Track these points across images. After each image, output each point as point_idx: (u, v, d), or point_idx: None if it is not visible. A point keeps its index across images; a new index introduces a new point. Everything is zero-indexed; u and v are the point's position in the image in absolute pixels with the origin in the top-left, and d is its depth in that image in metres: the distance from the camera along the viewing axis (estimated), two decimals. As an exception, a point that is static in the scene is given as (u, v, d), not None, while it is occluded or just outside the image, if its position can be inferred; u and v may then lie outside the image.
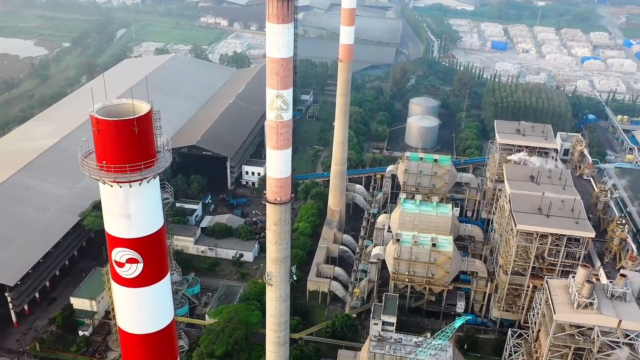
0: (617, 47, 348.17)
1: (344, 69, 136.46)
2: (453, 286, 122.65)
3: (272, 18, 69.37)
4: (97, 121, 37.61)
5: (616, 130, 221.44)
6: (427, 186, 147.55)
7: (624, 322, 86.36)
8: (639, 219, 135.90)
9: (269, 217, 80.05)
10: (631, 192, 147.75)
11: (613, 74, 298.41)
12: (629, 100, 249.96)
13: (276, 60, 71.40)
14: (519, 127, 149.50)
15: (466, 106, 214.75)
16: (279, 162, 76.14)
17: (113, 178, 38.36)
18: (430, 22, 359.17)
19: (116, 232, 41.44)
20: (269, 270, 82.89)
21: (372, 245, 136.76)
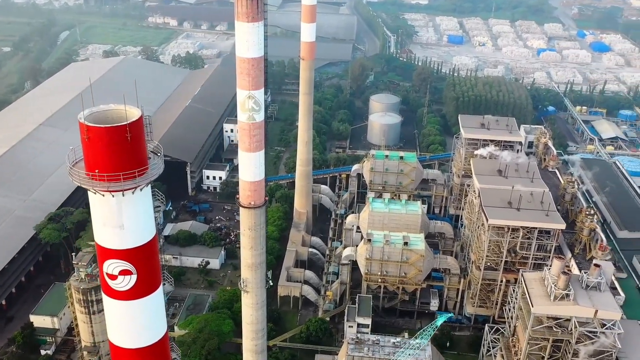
0: (571, 38, 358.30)
1: (306, 67, 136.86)
2: (426, 284, 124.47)
3: (242, 17, 69.29)
4: (87, 128, 37.06)
5: (576, 121, 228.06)
6: (394, 184, 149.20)
7: (600, 311, 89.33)
8: (605, 209, 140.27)
9: (242, 221, 79.89)
10: (596, 182, 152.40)
11: (569, 65, 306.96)
12: (586, 91, 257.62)
13: (247, 60, 71.35)
14: (483, 121, 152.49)
15: (427, 102, 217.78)
16: (252, 165, 76.14)
17: (106, 187, 37.87)
18: (385, 17, 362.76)
19: (108, 244, 40.91)
20: (245, 276, 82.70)
21: (342, 246, 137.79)
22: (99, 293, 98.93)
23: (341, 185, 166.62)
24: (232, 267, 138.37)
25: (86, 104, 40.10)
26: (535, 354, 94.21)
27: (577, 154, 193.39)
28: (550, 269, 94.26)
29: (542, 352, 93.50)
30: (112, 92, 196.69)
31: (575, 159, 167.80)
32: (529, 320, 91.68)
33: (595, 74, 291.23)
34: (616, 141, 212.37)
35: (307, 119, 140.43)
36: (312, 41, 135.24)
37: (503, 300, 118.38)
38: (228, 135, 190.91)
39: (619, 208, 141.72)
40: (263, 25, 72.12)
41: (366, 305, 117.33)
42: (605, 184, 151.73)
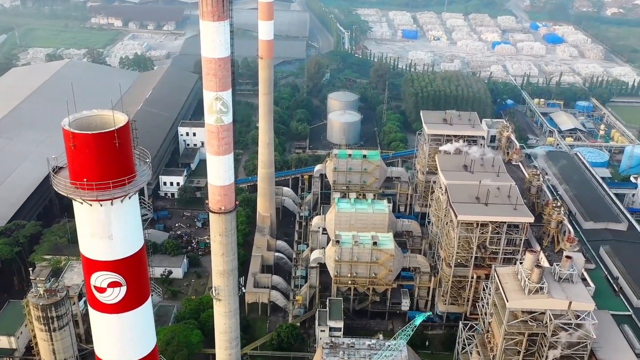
0: (524, 31, 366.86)
1: (264, 66, 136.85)
2: (397, 284, 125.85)
3: (207, 15, 69.28)
4: (73, 136, 36.49)
5: (534, 114, 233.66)
6: (358, 183, 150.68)
7: (574, 303, 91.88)
8: (569, 201, 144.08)
9: (213, 227, 79.60)
10: (559, 174, 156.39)
11: (524, 57, 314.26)
12: (542, 83, 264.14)
13: (213, 60, 71.40)
14: (446, 116, 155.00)
15: (386, 98, 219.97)
16: (221, 169, 76.01)
17: (95, 196, 37.32)
18: (337, 13, 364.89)
19: (96, 255, 40.26)
20: (216, 284, 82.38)
21: (308, 249, 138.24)
22: (60, 308, 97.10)
23: (304, 187, 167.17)
24: (195, 276, 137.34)
25: (38, 109, 39.56)
26: (512, 348, 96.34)
27: (537, 146, 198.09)
28: (522, 263, 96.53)
29: (518, 346, 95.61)
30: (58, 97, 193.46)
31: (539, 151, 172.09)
32: (504, 316, 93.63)
33: (551, 66, 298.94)
34: (575, 133, 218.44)
35: (268, 120, 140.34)
36: (270, 39, 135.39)
37: (474, 297, 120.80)
38: (184, 139, 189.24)
39: (584, 199, 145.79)
40: (229, 24, 72.26)
41: (337, 309, 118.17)
42: (568, 176, 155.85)
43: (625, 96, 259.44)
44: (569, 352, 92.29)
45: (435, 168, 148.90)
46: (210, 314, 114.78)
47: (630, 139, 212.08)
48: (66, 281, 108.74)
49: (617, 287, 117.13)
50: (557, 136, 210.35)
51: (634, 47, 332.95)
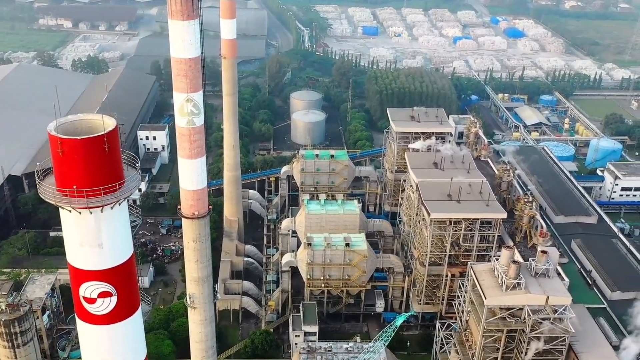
0: (485, 25, 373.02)
1: (228, 66, 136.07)
2: (371, 285, 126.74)
3: (176, 15, 68.86)
4: (60, 141, 35.98)
5: (499, 109, 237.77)
6: (326, 184, 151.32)
7: (551, 297, 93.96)
8: (539, 196, 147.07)
9: (186, 234, 79.13)
10: (528, 169, 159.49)
11: (486, 52, 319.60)
12: (505, 78, 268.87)
13: (184, 60, 71.09)
14: (413, 113, 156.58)
15: (350, 97, 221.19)
16: (194, 172, 75.57)
17: (85, 203, 36.86)
18: (296, 11, 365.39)
19: (85, 265, 39.71)
20: (191, 291, 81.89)
21: (278, 253, 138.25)
22: (23, 324, 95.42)
23: (271, 189, 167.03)
24: (162, 284, 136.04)
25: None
26: (491, 346, 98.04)
27: (503, 142, 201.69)
28: (499, 260, 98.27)
29: (497, 343, 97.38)
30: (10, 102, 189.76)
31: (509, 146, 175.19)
32: (483, 313, 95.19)
33: (513, 61, 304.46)
34: (540, 127, 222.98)
35: (233, 121, 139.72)
36: (233, 38, 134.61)
37: (449, 296, 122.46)
38: (143, 143, 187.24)
39: (553, 194, 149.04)
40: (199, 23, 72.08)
41: (311, 313, 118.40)
42: (537, 171, 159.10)
43: (587, 89, 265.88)
44: (547, 347, 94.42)
45: (404, 166, 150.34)
46: (181, 323, 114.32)
47: (595, 132, 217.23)
48: (28, 295, 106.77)
49: (590, 280, 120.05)
50: (522, 131, 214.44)
51: (594, 40, 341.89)
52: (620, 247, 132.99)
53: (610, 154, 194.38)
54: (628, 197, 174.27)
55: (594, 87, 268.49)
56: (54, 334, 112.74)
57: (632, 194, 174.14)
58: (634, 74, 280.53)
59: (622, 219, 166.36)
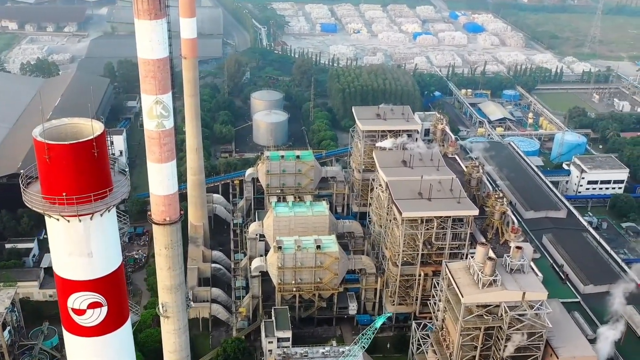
0: (444, 20, 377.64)
1: (189, 66, 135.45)
2: (343, 288, 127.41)
3: (143, 14, 68.45)
4: (47, 147, 35.45)
5: (462, 105, 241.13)
6: (293, 186, 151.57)
7: (527, 293, 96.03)
8: (508, 191, 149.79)
9: (157, 240, 78.64)
10: (496, 165, 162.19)
11: (446, 48, 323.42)
12: (468, 73, 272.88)
13: (152, 61, 70.68)
14: (379, 111, 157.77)
15: (312, 96, 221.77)
16: (165, 177, 75.23)
17: (75, 211, 36.39)
18: (252, 8, 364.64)
19: (74, 275, 39.15)
20: (164, 300, 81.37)
21: (246, 258, 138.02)
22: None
23: (235, 193, 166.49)
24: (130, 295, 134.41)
25: None
26: (468, 344, 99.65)
27: (468, 138, 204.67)
28: (474, 257, 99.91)
29: (475, 341, 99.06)
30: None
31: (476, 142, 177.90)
32: (460, 311, 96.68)
33: (474, 56, 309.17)
34: (504, 122, 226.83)
35: (195, 124, 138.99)
36: (194, 37, 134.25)
37: (423, 295, 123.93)
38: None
39: (522, 189, 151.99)
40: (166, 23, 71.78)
41: (284, 318, 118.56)
42: (505, 166, 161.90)
43: (549, 83, 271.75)
44: (525, 343, 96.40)
45: (371, 165, 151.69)
46: (149, 334, 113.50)
47: (559, 126, 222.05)
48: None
49: (563, 275, 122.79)
50: (487, 127, 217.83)
51: (553, 34, 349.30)
52: (590, 240, 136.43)
53: (575, 147, 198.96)
54: (594, 190, 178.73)
55: (555, 81, 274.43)
56: (16, 351, 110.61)
57: (598, 187, 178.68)
58: (594, 67, 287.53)
59: (590, 213, 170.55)
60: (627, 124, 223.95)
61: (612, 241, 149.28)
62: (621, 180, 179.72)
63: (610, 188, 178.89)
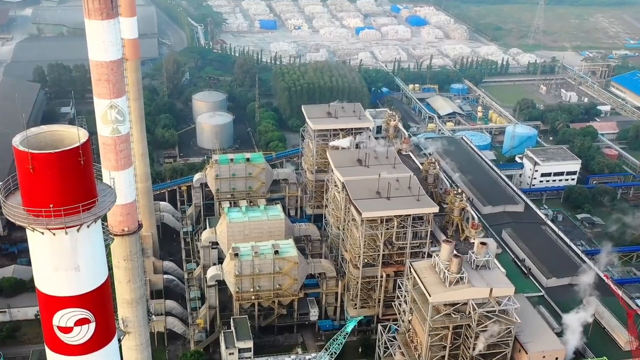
0: (387, 14, 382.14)
1: (132, 68, 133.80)
2: (303, 293, 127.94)
3: (94, 14, 67.85)
4: (31, 157, 34.71)
5: (411, 100, 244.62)
6: (244, 190, 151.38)
7: (494, 289, 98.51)
8: (465, 187, 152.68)
9: (115, 252, 77.71)
10: (450, 160, 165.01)
11: (390, 42, 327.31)
12: (414, 67, 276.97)
13: (105, 64, 70.08)
14: (329, 109, 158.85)
15: (257, 95, 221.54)
16: (122, 185, 74.38)
17: (62, 223, 35.74)
18: (186, 6, 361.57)
19: (61, 291, 38.41)
20: (124, 315, 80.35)
21: (199, 267, 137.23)
22: None
23: (183, 199, 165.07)
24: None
25: None
26: (437, 344, 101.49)
27: (419, 134, 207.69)
28: (439, 255, 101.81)
29: (444, 341, 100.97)
30: None
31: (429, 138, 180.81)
32: (428, 311, 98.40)
33: (418, 50, 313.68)
34: (454, 117, 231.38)
35: (140, 128, 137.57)
36: (135, 37, 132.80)
37: (386, 297, 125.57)
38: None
39: (479, 184, 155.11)
40: (119, 23, 71.20)
41: (244, 327, 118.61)
42: (460, 162, 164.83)
43: (495, 76, 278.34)
44: (494, 340, 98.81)
45: (324, 166, 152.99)
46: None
47: (509, 119, 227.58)
48: None
49: (526, 269, 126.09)
50: (437, 122, 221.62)
51: (497, 25, 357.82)
52: (549, 233, 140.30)
53: (526, 140, 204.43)
54: (548, 182, 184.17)
55: (502, 73, 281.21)
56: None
57: (552, 180, 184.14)
58: (540, 58, 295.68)
59: (545, 205, 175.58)
60: (575, 115, 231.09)
61: (568, 233, 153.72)
62: (574, 172, 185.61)
63: (563, 180, 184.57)
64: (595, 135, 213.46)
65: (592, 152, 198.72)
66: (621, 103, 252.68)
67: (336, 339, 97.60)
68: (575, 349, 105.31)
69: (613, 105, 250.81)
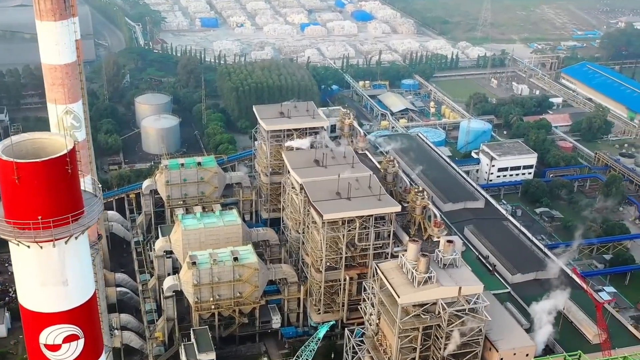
0: (331, 9, 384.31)
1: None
2: (265, 300, 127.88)
3: (46, 15, 67.08)
4: (17, 167, 33.83)
5: (362, 97, 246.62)
6: (196, 195, 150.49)
7: (463, 288, 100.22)
8: (424, 184, 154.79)
9: (75, 266, 76.38)
10: (408, 158, 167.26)
11: (337, 38, 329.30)
12: (363, 64, 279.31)
13: (59, 67, 69.45)
14: (282, 109, 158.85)
15: (203, 97, 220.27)
16: (81, 196, 73.26)
17: (51, 235, 34.98)
18: (122, 5, 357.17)
19: (48, 307, 37.56)
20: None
21: (154, 278, 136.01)
22: None
23: (132, 208, 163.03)
24: (22, 331, 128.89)
25: None
26: (407, 346, 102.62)
27: (372, 132, 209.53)
28: (406, 254, 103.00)
29: (414, 343, 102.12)
30: None
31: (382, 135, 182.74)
32: (397, 313, 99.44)
33: (366, 45, 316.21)
34: (407, 113, 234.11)
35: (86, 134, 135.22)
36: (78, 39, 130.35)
37: (350, 300, 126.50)
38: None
39: (438, 181, 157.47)
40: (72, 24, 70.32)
41: (205, 339, 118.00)
42: (417, 159, 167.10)
43: (446, 70, 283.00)
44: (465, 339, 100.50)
45: (278, 167, 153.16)
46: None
47: (462, 114, 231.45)
48: None
49: (491, 266, 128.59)
50: (390, 119, 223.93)
51: (444, 19, 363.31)
52: (511, 228, 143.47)
53: (481, 135, 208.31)
54: (505, 177, 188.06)
55: (452, 68, 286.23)
56: None
57: (509, 174, 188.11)
58: (489, 51, 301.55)
59: (504, 201, 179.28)
60: (528, 108, 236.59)
61: (528, 228, 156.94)
62: (530, 166, 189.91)
63: (520, 174, 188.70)
64: (549, 128, 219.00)
65: (547, 145, 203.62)
66: (572, 95, 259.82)
67: (308, 345, 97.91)
68: (545, 345, 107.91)
69: (565, 97, 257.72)
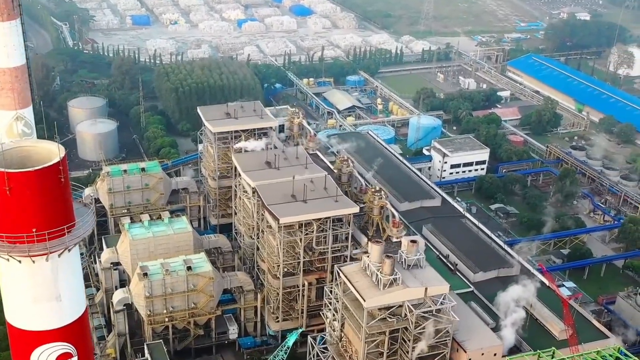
0: (269, 5, 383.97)
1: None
2: (221, 310, 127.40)
3: (-7, 16, 65.57)
4: (8, 177, 32.87)
5: (306, 95, 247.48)
6: (141, 203, 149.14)
7: (429, 288, 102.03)
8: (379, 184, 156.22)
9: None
10: (360, 157, 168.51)
11: (277, 34, 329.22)
12: (305, 60, 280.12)
13: (8, 70, 68.51)
14: (228, 110, 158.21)
15: (141, 99, 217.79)
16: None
17: (45, 249, 34.11)
18: (46, 3, 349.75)
19: (41, 325, 36.65)
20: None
21: (100, 292, 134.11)
22: None
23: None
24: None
25: None
26: (373, 351, 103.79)
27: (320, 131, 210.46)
28: (369, 257, 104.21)
29: (380, 347, 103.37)
30: None
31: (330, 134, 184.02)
32: (362, 317, 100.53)
33: (307, 41, 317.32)
34: (354, 111, 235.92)
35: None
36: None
37: (309, 307, 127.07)
38: None
39: (392, 180, 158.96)
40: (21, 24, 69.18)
41: (159, 353, 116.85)
42: (369, 158, 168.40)
43: (391, 65, 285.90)
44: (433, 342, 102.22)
45: (227, 171, 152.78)
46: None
47: (410, 110, 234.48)
48: None
49: (452, 265, 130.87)
50: (337, 117, 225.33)
51: (386, 12, 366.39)
52: (470, 226, 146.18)
53: (431, 131, 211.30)
54: (458, 174, 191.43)
55: (397, 63, 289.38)
56: None
57: (461, 171, 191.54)
58: (434, 45, 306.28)
59: (458, 198, 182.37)
60: (477, 102, 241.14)
61: (484, 225, 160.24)
62: (483, 161, 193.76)
63: (473, 170, 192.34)
64: (499, 122, 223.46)
65: (499, 140, 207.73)
66: (520, 88, 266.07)
67: (277, 355, 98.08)
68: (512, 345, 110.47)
69: (512, 90, 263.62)
